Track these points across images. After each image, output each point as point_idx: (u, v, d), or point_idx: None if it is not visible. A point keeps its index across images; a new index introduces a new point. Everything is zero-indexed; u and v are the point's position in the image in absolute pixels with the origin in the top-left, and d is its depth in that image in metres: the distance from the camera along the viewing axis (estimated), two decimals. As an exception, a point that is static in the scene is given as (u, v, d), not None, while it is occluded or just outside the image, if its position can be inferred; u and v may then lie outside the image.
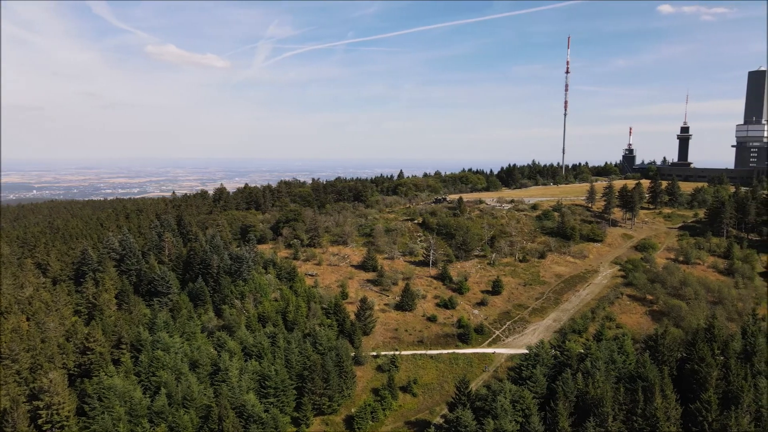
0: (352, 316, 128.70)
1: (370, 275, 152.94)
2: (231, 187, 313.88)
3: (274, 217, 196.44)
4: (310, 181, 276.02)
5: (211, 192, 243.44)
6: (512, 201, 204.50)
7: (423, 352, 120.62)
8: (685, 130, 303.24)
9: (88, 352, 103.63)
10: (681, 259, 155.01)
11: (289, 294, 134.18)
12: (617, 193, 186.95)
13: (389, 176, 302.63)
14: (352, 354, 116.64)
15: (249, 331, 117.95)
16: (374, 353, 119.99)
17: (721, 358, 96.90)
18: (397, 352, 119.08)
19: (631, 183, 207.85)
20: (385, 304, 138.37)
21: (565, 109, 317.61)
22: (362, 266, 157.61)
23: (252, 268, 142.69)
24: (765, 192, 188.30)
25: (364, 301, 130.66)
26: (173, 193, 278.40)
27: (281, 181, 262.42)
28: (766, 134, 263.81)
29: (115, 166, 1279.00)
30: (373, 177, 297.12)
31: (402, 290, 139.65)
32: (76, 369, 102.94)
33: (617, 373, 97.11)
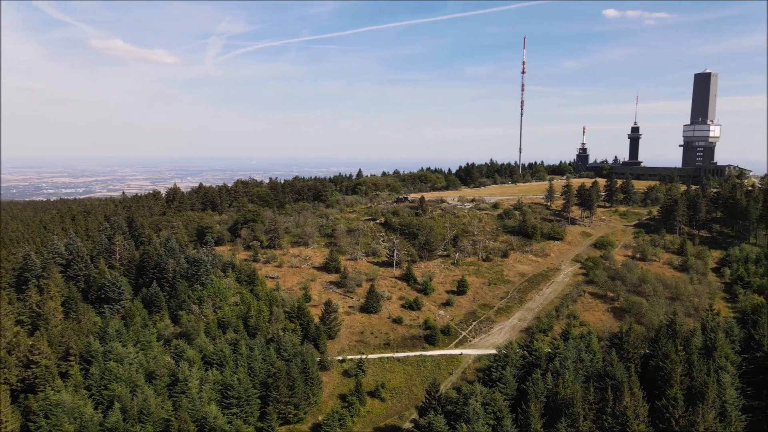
0: (317, 320, 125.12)
1: (333, 277, 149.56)
2: (184, 186, 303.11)
3: (231, 217, 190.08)
4: (267, 181, 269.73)
5: (163, 192, 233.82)
6: (473, 200, 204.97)
7: (390, 355, 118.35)
8: (635, 129, 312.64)
9: (33, 366, 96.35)
10: (638, 256, 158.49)
11: (250, 298, 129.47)
12: (575, 192, 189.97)
13: (348, 175, 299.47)
14: (318, 359, 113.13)
15: (209, 338, 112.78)
16: (340, 357, 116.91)
17: (684, 354, 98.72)
18: (363, 356, 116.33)
19: (586, 181, 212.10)
20: (350, 307, 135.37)
21: (522, 109, 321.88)
22: (325, 268, 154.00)
23: (210, 272, 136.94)
24: (714, 190, 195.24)
25: (328, 303, 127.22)
26: (123, 193, 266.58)
27: (238, 180, 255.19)
28: (711, 134, 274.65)
29: (58, 165, 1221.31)
30: (332, 176, 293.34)
31: (366, 292, 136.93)
32: (19, 384, 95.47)
33: (585, 372, 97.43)
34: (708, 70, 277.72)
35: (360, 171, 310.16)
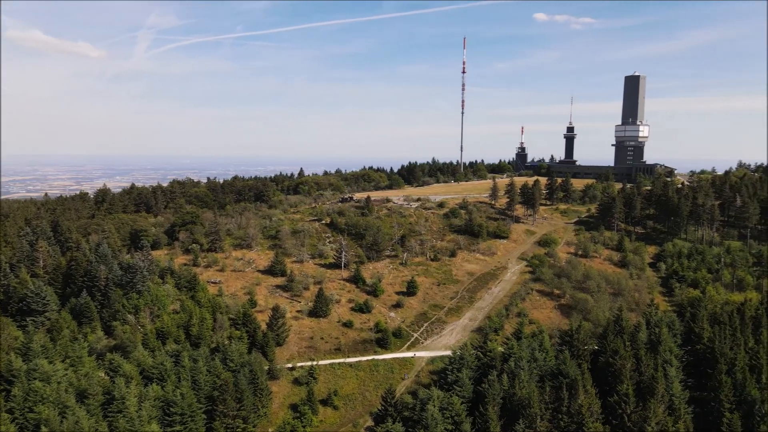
0: (264, 326, 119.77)
1: (279, 280, 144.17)
2: (113, 186, 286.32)
3: (168, 220, 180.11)
4: (205, 180, 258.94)
5: (91, 193, 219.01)
6: (419, 199, 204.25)
7: (341, 360, 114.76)
8: (570, 129, 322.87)
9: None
10: (580, 253, 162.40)
11: (191, 305, 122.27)
12: (519, 191, 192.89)
13: (289, 175, 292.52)
14: (266, 367, 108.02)
15: (147, 351, 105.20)
16: (290, 365, 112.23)
17: (631, 349, 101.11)
18: (314, 363, 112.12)
19: (528, 180, 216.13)
20: (298, 311, 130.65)
21: (463, 108, 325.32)
22: (270, 271, 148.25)
23: (147, 278, 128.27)
24: (647, 188, 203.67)
25: (275, 309, 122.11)
26: (45, 194, 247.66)
27: (174, 180, 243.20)
28: (640, 134, 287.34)
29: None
30: (273, 176, 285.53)
31: (314, 295, 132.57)
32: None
33: (539, 371, 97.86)
34: (637, 73, 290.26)
35: (302, 170, 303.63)
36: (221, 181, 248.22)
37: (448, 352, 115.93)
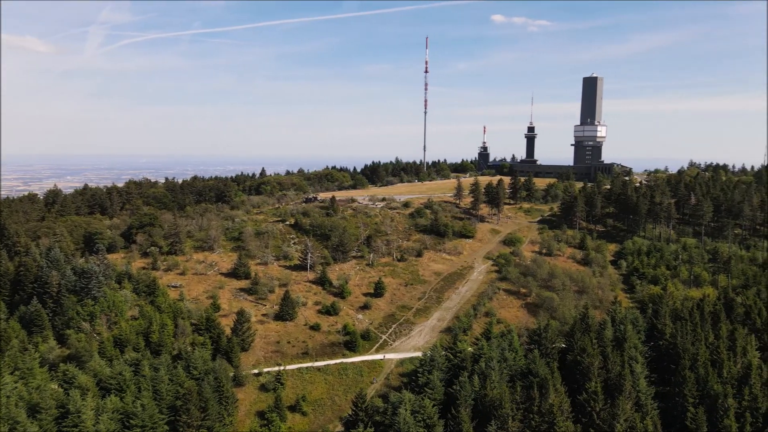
0: (228, 331, 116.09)
1: (243, 283, 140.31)
2: (64, 187, 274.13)
3: (124, 222, 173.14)
4: (162, 181, 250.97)
5: (40, 194, 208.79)
6: (384, 199, 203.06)
7: (309, 364, 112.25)
8: (531, 129, 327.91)
9: None
10: (544, 251, 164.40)
11: (151, 311, 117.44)
12: (483, 190, 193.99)
13: (251, 174, 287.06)
14: (231, 374, 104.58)
15: (104, 360, 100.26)
16: (256, 371, 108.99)
17: (598, 347, 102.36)
18: (281, 368, 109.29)
19: (492, 179, 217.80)
20: (263, 315, 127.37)
21: (426, 108, 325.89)
22: (233, 274, 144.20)
23: (103, 284, 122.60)
24: (606, 187, 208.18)
25: (240, 313, 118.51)
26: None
27: (130, 180, 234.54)
28: (598, 134, 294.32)
29: None
30: (234, 175, 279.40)
31: (280, 298, 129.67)
32: None
33: (509, 370, 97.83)
34: (595, 74, 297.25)
35: (263, 170, 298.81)
36: (180, 181, 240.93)
37: (418, 354, 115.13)
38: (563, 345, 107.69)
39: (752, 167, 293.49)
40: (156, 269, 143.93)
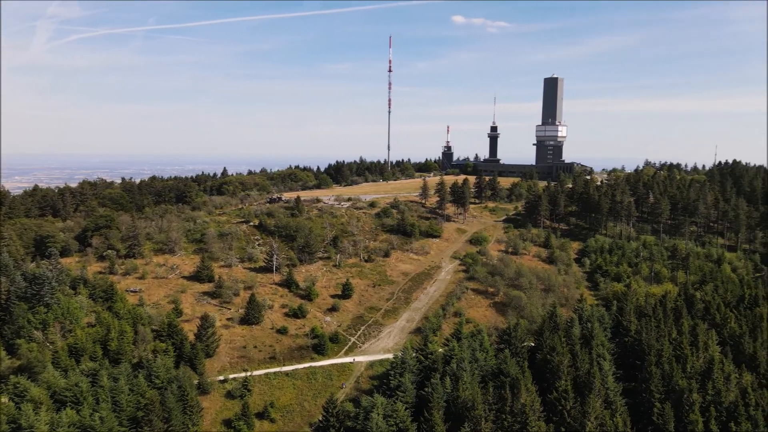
0: (192, 337, 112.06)
1: (207, 287, 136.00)
2: (12, 188, 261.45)
3: (79, 224, 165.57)
4: (119, 181, 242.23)
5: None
6: (350, 199, 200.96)
7: (277, 369, 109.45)
8: (494, 129, 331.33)
9: None
10: (510, 250, 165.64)
11: (109, 317, 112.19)
12: (449, 190, 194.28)
13: (212, 174, 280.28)
14: (196, 382, 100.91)
15: (58, 371, 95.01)
16: (221, 377, 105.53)
17: (567, 345, 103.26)
18: (247, 373, 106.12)
19: (458, 179, 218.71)
20: (228, 319, 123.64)
21: (389, 107, 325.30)
22: (196, 277, 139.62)
23: (56, 290, 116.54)
24: (569, 186, 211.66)
25: (204, 317, 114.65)
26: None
27: (84, 180, 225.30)
28: (559, 134, 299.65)
29: None
30: (195, 175, 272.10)
31: (246, 302, 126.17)
32: None
33: (481, 371, 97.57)
34: (555, 75, 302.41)
35: (225, 170, 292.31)
36: (138, 181, 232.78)
37: (387, 356, 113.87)
38: (532, 344, 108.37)
39: (703, 166, 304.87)
40: (113, 273, 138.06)
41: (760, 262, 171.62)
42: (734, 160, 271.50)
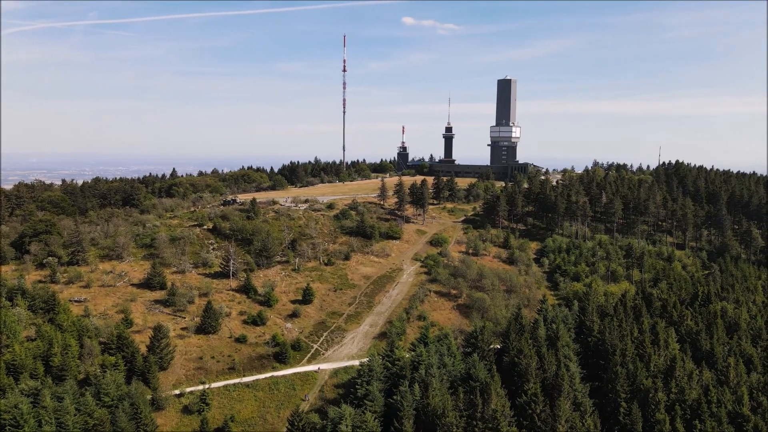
0: (143, 349, 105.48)
1: (159, 294, 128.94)
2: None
3: (15, 230, 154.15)
4: (59, 183, 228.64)
5: None
6: (307, 200, 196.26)
7: (237, 380, 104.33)
8: (449, 129, 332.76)
9: None
10: (471, 251, 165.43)
11: (51, 330, 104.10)
12: (408, 190, 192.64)
13: (161, 175, 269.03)
14: (149, 397, 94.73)
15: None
16: (177, 392, 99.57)
17: (533, 347, 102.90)
18: (205, 386, 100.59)
19: (408, 179, 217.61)
20: (183, 329, 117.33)
21: (344, 107, 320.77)
22: (146, 284, 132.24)
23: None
24: (525, 186, 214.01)
25: (156, 328, 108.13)
26: None
27: (20, 183, 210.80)
28: (513, 135, 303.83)
29: None
30: (142, 176, 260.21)
31: (201, 309, 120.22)
32: None
33: (449, 376, 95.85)
34: (508, 77, 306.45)
35: (174, 170, 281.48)
36: (80, 183, 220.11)
37: (352, 363, 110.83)
38: (498, 346, 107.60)
39: (648, 167, 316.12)
40: (55, 282, 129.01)
41: (707, 259, 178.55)
42: (677, 161, 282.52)
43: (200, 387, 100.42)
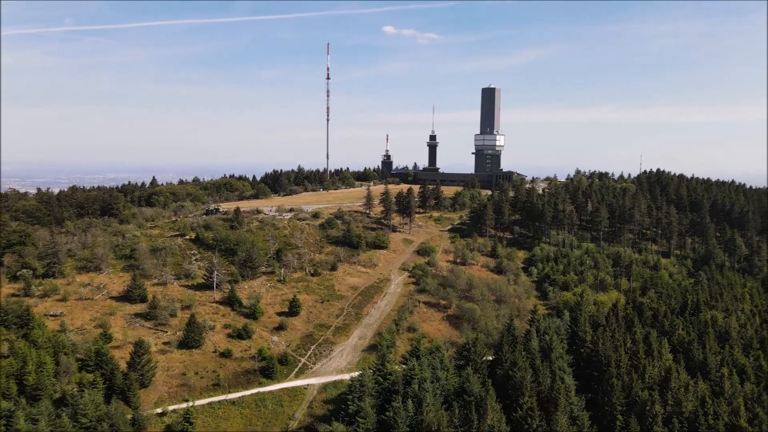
0: (123, 365, 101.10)
1: (139, 308, 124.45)
2: None
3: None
4: (34, 191, 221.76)
5: None
6: (292, 209, 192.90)
7: (222, 397, 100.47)
8: (433, 138, 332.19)
9: None
10: (459, 260, 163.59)
11: (25, 347, 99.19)
12: (395, 199, 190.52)
13: (140, 184, 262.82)
14: (130, 416, 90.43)
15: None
16: (159, 410, 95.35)
17: (527, 359, 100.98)
18: (189, 404, 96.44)
19: (393, 188, 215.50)
20: (165, 343, 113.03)
21: (328, 115, 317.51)
22: (126, 297, 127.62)
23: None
24: (511, 194, 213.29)
25: (137, 343, 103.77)
26: None
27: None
28: (497, 143, 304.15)
29: None
30: (121, 185, 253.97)
31: (184, 323, 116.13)
32: None
33: (443, 391, 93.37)
34: (492, 86, 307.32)
35: (154, 179, 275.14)
36: (56, 191, 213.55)
37: (341, 377, 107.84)
38: (491, 357, 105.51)
39: (629, 175, 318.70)
40: (30, 296, 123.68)
41: (692, 267, 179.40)
42: (658, 169, 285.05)
43: (183, 405, 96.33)
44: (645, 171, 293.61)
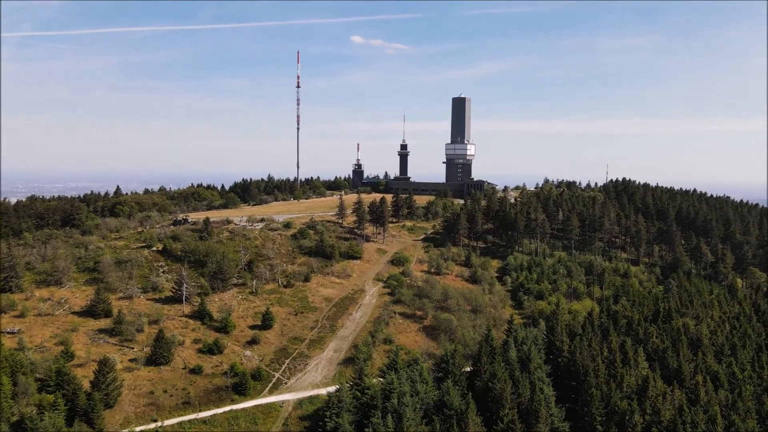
0: (87, 385, 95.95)
1: (103, 323, 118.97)
2: None
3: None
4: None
5: None
6: (263, 219, 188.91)
7: (192, 416, 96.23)
8: (404, 147, 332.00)
9: None
10: (433, 270, 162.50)
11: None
12: (368, 208, 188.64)
13: (103, 193, 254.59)
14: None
15: None
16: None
17: (506, 370, 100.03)
18: (157, 424, 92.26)
19: (365, 197, 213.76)
20: (131, 360, 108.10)
21: (298, 123, 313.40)
22: (90, 312, 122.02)
23: None
24: (484, 203, 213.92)
25: (102, 361, 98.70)
26: None
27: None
28: (468, 153, 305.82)
29: None
30: (83, 195, 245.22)
31: (152, 339, 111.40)
32: None
33: (422, 404, 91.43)
34: (462, 95, 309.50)
35: (119, 188, 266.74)
36: (13, 201, 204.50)
37: (317, 391, 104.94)
38: (469, 369, 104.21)
39: (596, 184, 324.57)
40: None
41: (660, 275, 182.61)
42: (624, 178, 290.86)
43: (152, 425, 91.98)
44: (611, 180, 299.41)
